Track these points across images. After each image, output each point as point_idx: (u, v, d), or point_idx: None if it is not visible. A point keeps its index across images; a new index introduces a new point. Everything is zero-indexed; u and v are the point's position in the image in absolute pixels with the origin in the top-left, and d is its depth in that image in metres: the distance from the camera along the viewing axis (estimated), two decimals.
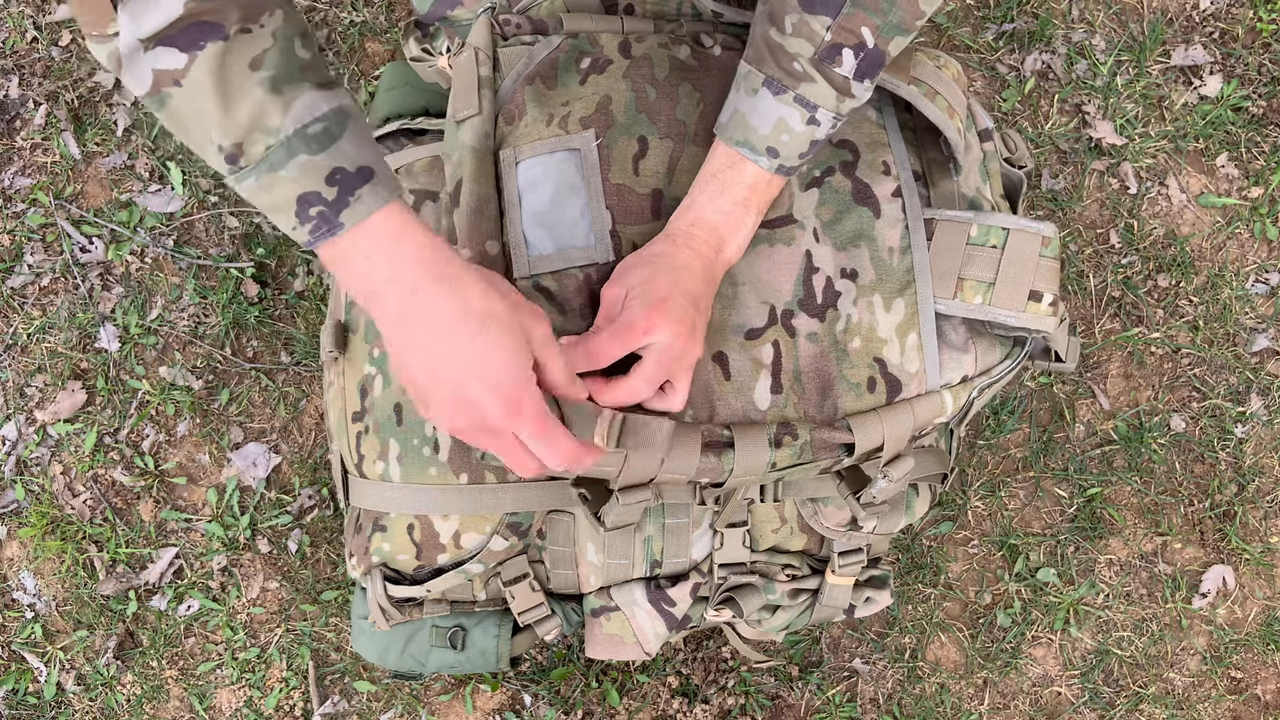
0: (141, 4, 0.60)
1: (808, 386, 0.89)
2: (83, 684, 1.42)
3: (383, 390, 0.92)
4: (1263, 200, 1.45)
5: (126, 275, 1.45)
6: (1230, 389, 1.45)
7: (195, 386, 1.44)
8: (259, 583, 1.42)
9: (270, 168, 0.65)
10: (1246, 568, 1.43)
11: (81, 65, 1.47)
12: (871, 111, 0.96)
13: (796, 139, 0.82)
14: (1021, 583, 1.42)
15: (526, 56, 0.92)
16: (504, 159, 0.89)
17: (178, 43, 0.61)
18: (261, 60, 0.63)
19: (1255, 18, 1.47)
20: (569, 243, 0.87)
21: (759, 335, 0.88)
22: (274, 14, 0.64)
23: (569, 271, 0.87)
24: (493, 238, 0.87)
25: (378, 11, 1.47)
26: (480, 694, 1.40)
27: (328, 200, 0.65)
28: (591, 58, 0.92)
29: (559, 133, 0.89)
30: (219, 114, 0.63)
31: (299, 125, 0.64)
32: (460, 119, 0.91)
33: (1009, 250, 0.90)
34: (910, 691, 1.42)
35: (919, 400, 0.91)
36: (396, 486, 0.91)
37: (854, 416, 0.89)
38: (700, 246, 0.83)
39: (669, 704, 1.38)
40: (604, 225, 0.88)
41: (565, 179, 0.88)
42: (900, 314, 0.91)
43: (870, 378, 0.90)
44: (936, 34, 1.47)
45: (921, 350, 0.91)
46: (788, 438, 0.86)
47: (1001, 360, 0.94)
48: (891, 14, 0.78)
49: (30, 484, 1.44)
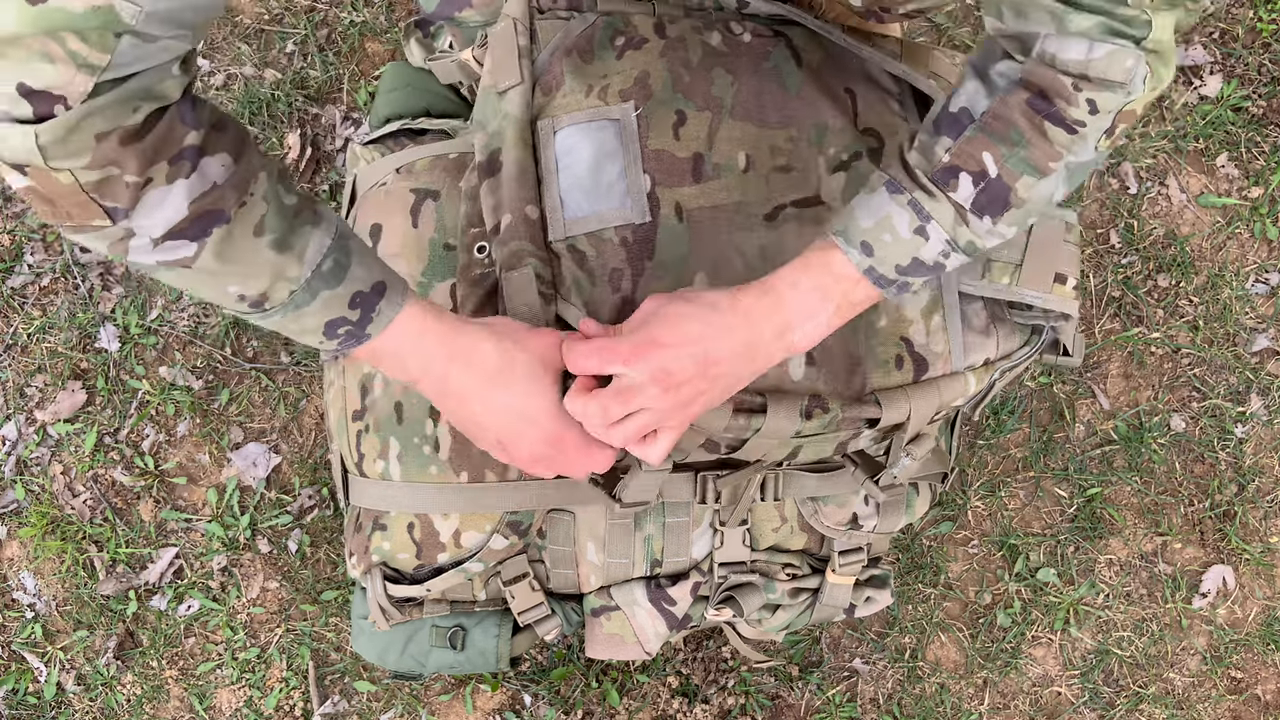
0: (146, 213, 0.63)
1: (835, 364, 0.89)
2: (83, 684, 1.42)
3: (383, 389, 0.92)
4: (1263, 200, 1.45)
5: (126, 275, 1.45)
6: (1230, 389, 1.45)
7: (195, 386, 1.44)
8: (259, 583, 1.42)
9: (296, 307, 0.71)
10: (1246, 568, 1.43)
11: None
12: (894, 104, 0.97)
13: (898, 244, 0.75)
14: (1021, 583, 1.42)
15: (563, 30, 0.94)
16: (542, 129, 0.91)
17: (187, 235, 0.65)
18: (262, 226, 0.68)
19: (1255, 18, 1.47)
20: (605, 205, 0.89)
21: None
22: (258, 178, 0.67)
23: (604, 234, 0.88)
24: (532, 203, 0.89)
25: (378, 11, 1.47)
26: (480, 694, 1.40)
27: (353, 321, 0.73)
28: (627, 35, 0.94)
29: (598, 103, 0.91)
30: (239, 280, 0.68)
31: (314, 268, 0.70)
32: (503, 89, 0.92)
33: (1035, 233, 0.92)
34: (910, 691, 1.42)
35: (944, 380, 0.92)
36: (397, 485, 0.91)
37: (883, 392, 0.90)
38: (756, 317, 0.77)
39: (669, 704, 1.38)
40: (641, 188, 0.89)
41: (604, 146, 0.90)
42: (925, 296, 0.92)
43: (898, 355, 0.91)
44: (937, 34, 1.47)
45: (946, 332, 0.92)
46: (819, 410, 0.87)
47: (1021, 346, 0.96)
48: (1020, 148, 0.71)
49: (30, 484, 1.44)
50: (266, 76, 1.47)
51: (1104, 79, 0.68)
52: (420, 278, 0.92)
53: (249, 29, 1.47)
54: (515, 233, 0.88)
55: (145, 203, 0.62)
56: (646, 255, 0.88)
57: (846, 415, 0.88)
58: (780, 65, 0.95)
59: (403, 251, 0.93)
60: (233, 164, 0.66)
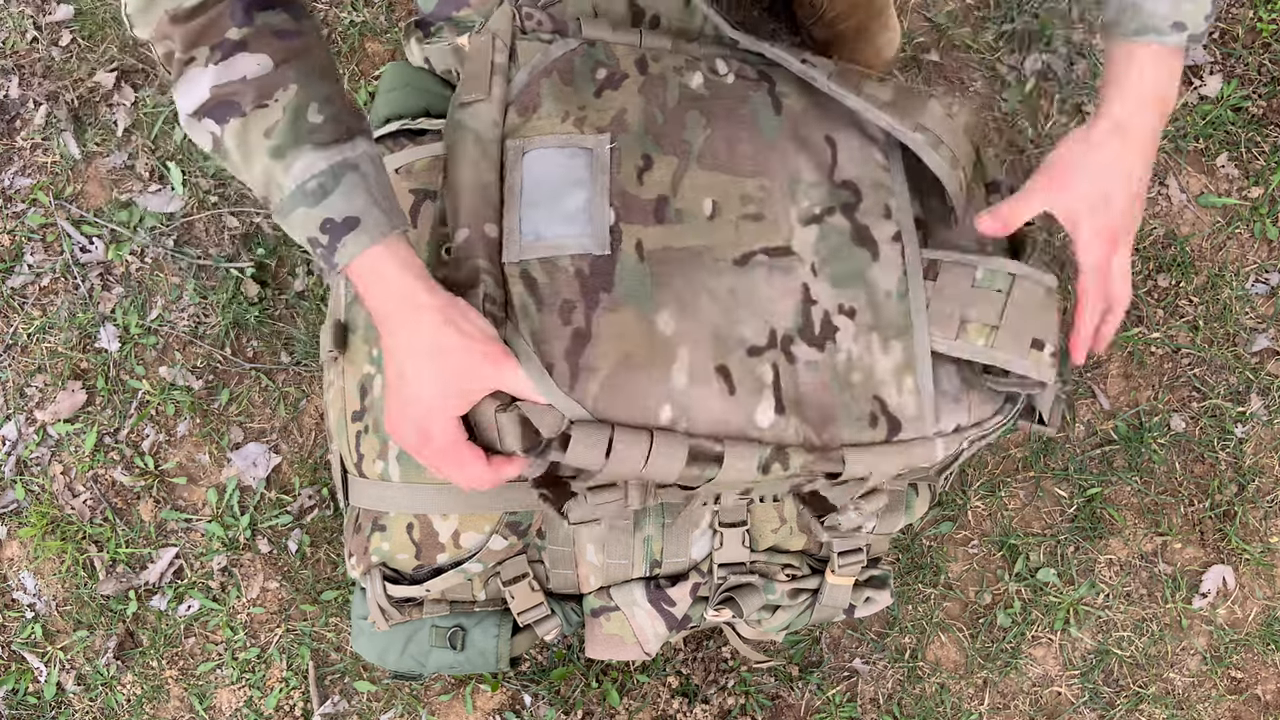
0: (184, 86, 0.74)
1: (809, 414, 0.87)
2: (83, 684, 1.42)
3: (382, 389, 0.92)
4: (1263, 200, 1.45)
5: (126, 275, 1.45)
6: (1230, 389, 1.45)
7: (195, 386, 1.44)
8: (259, 583, 1.42)
9: (283, 215, 0.77)
10: (1246, 568, 1.43)
11: (81, 65, 1.47)
12: (878, 153, 0.95)
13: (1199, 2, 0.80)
14: (1021, 583, 1.42)
15: (543, 53, 0.93)
16: (510, 149, 0.90)
17: (212, 115, 0.74)
18: (273, 130, 0.74)
19: (1255, 18, 1.47)
20: (564, 232, 0.87)
21: (759, 354, 0.87)
22: (288, 89, 0.74)
23: (559, 261, 0.86)
24: (491, 221, 0.88)
25: (378, 11, 1.47)
26: (480, 694, 1.40)
27: (323, 244, 0.76)
28: (608, 70, 0.93)
29: (573, 130, 0.91)
30: (245, 171, 0.76)
31: (298, 183, 0.75)
32: (465, 101, 0.92)
33: (1014, 295, 0.89)
34: (910, 691, 1.42)
35: (914, 444, 0.90)
36: (396, 486, 0.91)
37: (851, 449, 0.88)
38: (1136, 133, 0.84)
39: (669, 704, 1.38)
40: (605, 220, 0.88)
41: (572, 173, 0.89)
42: (897, 357, 0.90)
43: (872, 413, 0.89)
44: (937, 34, 1.47)
45: (919, 394, 0.90)
46: (777, 465, 0.85)
47: (993, 415, 0.93)
48: None
49: (30, 484, 1.44)
50: None
51: None
52: None
53: None
54: (472, 249, 0.86)
55: (185, 78, 0.73)
56: (603, 288, 0.86)
57: (807, 469, 0.86)
58: (758, 111, 0.94)
59: None
60: (270, 68, 0.73)
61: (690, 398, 0.84)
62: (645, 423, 0.82)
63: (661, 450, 0.81)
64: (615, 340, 0.83)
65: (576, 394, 0.81)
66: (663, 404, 0.83)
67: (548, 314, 0.84)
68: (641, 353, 0.83)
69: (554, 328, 0.83)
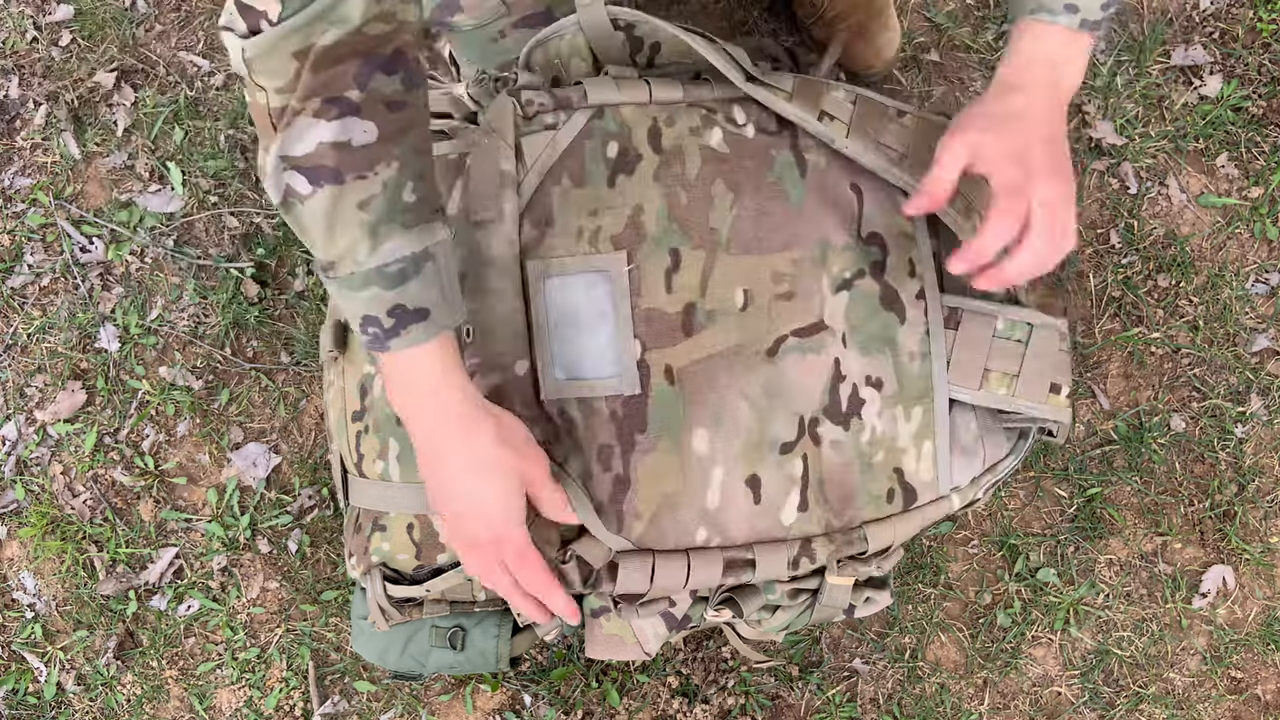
0: (290, 134, 0.69)
1: (830, 496, 0.92)
2: (83, 684, 1.42)
3: (382, 390, 0.92)
4: (1263, 200, 1.45)
5: (126, 275, 1.45)
6: (1230, 389, 1.45)
7: (195, 386, 1.44)
8: (259, 583, 1.42)
9: (349, 287, 0.74)
10: (1246, 568, 1.43)
11: (81, 65, 1.47)
12: (901, 197, 0.96)
13: None
14: (1021, 583, 1.42)
15: (550, 145, 0.90)
16: (532, 271, 0.88)
17: (306, 174, 0.71)
18: (368, 204, 0.72)
19: (1255, 18, 1.47)
20: (595, 372, 0.87)
21: (791, 449, 0.90)
22: (390, 164, 0.72)
23: (594, 403, 0.87)
24: (522, 356, 0.87)
25: None
26: (480, 694, 1.40)
27: (384, 327, 0.75)
28: (620, 146, 0.90)
29: (589, 250, 0.88)
30: (323, 238, 0.73)
31: (380, 264, 0.73)
32: (478, 219, 0.89)
33: (1033, 344, 0.94)
34: (910, 691, 1.42)
35: (930, 505, 0.95)
36: (396, 486, 0.92)
37: (871, 524, 0.93)
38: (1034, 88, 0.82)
39: (669, 704, 1.38)
40: (631, 355, 0.87)
41: (595, 304, 0.88)
42: (917, 421, 0.93)
43: (890, 489, 0.93)
44: (937, 34, 1.47)
45: (935, 459, 0.94)
46: (805, 559, 0.91)
47: (1005, 456, 0.98)
48: None
49: (30, 484, 1.44)
50: None
51: None
52: None
53: None
54: (506, 395, 0.87)
55: (293, 126, 0.69)
56: (638, 428, 0.87)
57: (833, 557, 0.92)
58: (783, 175, 0.93)
59: None
60: (374, 139, 0.70)
61: (723, 516, 0.89)
62: (683, 546, 0.89)
63: (699, 568, 0.88)
64: (654, 484, 0.88)
65: (623, 534, 0.88)
66: (699, 527, 0.89)
67: (589, 459, 0.88)
68: (679, 488, 0.88)
69: (596, 474, 0.87)
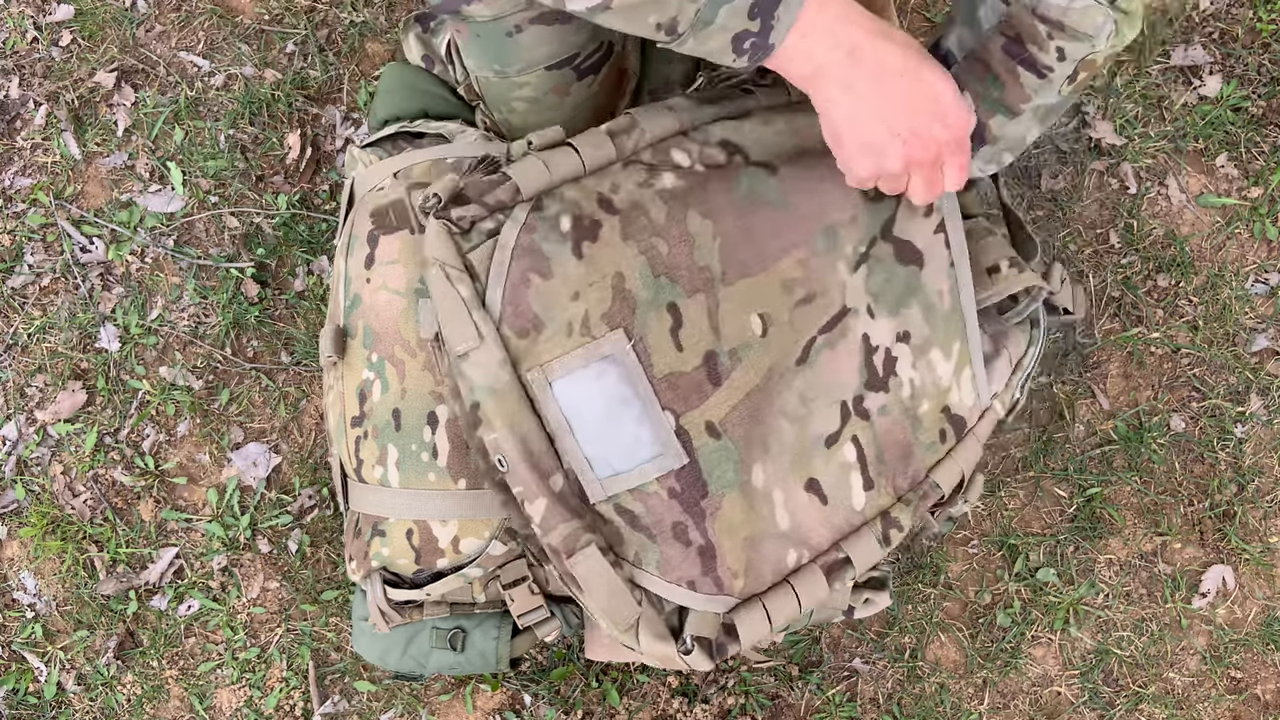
0: None
1: (891, 462, 0.91)
2: (83, 684, 1.42)
3: (381, 395, 0.92)
4: (1262, 200, 1.45)
5: (126, 275, 1.45)
6: (1230, 389, 1.45)
7: (195, 386, 1.44)
8: (259, 583, 1.42)
9: (703, 25, 0.70)
10: (1246, 568, 1.43)
11: (81, 65, 1.47)
12: None
13: None
14: (1021, 583, 1.43)
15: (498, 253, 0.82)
16: (533, 381, 0.81)
17: None
18: None
19: (1255, 18, 1.47)
20: (637, 459, 0.81)
21: (837, 438, 0.89)
22: None
23: (647, 488, 0.82)
24: (555, 472, 0.81)
25: (378, 11, 1.47)
26: (480, 694, 1.40)
27: (755, 33, 0.70)
28: (572, 216, 0.83)
29: (584, 340, 0.81)
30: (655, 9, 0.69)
31: None
32: (461, 353, 0.81)
33: None
34: (910, 691, 1.42)
35: (980, 424, 0.96)
36: (395, 491, 0.92)
37: (934, 469, 0.93)
38: None
39: (669, 704, 1.38)
40: (667, 429, 0.82)
41: (611, 392, 0.81)
42: (955, 355, 0.94)
43: (941, 429, 0.94)
44: (935, 33, 1.47)
45: (974, 379, 0.95)
46: (894, 530, 0.90)
47: (1027, 347, 1.00)
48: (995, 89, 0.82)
49: (30, 484, 1.44)
50: (267, 77, 1.46)
51: (1076, 30, 0.75)
52: (419, 284, 0.92)
53: (249, 29, 1.47)
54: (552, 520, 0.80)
55: None
56: (700, 495, 0.83)
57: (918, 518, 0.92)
58: (754, 186, 0.87)
59: (400, 258, 0.93)
60: None
61: (800, 531, 0.87)
62: (781, 576, 0.87)
63: (804, 589, 0.86)
64: (733, 536, 0.84)
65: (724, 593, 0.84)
66: (786, 551, 0.86)
67: (666, 543, 0.82)
68: (755, 528, 0.85)
69: (679, 554, 0.82)
